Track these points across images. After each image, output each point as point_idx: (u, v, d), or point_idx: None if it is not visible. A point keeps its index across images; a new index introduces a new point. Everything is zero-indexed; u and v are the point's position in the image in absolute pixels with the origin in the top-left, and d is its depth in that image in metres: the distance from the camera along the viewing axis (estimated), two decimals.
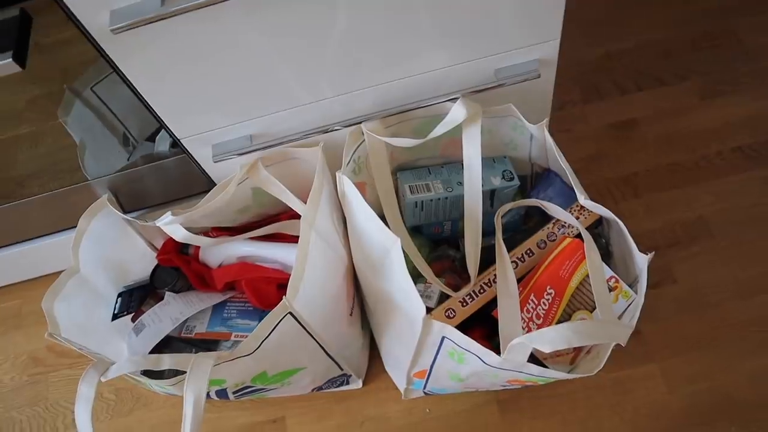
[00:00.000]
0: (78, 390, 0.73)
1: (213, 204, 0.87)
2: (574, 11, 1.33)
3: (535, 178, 1.01)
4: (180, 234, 0.89)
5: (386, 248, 0.74)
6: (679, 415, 0.97)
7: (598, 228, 0.89)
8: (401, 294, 0.75)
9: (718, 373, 0.99)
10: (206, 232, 0.99)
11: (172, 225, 0.88)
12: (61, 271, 0.88)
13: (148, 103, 0.79)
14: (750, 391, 0.97)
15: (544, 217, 0.92)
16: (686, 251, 1.09)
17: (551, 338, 0.65)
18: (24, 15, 0.66)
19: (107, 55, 0.71)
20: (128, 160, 0.93)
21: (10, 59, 0.63)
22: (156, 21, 0.64)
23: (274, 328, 0.74)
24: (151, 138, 0.90)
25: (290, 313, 0.75)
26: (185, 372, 0.72)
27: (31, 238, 1.12)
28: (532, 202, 0.89)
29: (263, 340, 0.74)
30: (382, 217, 0.85)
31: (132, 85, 0.76)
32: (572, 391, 1.00)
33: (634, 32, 1.34)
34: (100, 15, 0.65)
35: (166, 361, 0.73)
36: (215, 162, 0.86)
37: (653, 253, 0.76)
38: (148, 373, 0.85)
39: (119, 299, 0.98)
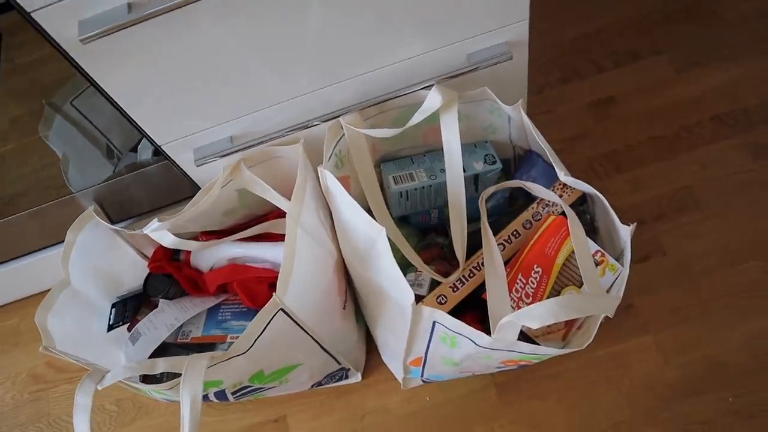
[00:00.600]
0: (75, 400, 0.73)
1: (198, 207, 0.87)
2: None
3: (517, 161, 1.01)
4: (168, 240, 0.89)
5: (372, 239, 0.75)
6: (676, 385, 0.98)
7: (583, 205, 0.89)
8: (390, 283, 0.76)
9: (712, 341, 1.00)
10: (195, 237, 0.99)
11: (159, 231, 0.88)
12: None
13: (125, 112, 0.79)
14: (744, 358, 0.98)
15: (529, 199, 0.93)
16: (673, 223, 1.10)
17: (539, 314, 0.65)
18: None
19: (80, 67, 0.71)
20: (114, 171, 0.94)
21: None
22: (125, 28, 0.64)
23: (267, 325, 0.75)
24: (135, 148, 0.91)
25: (282, 309, 0.75)
26: (180, 375, 0.73)
27: (24, 255, 1.12)
28: (513, 183, 0.90)
29: (256, 338, 0.75)
30: (368, 210, 0.86)
31: (108, 95, 0.76)
32: (569, 369, 1.01)
33: (607, 11, 1.35)
34: (69, 26, 0.65)
35: (161, 365, 0.73)
36: (198, 166, 0.86)
37: (635, 224, 0.77)
38: (146, 380, 0.86)
39: (113, 310, 0.99)
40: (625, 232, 0.78)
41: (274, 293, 0.74)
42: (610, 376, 1.00)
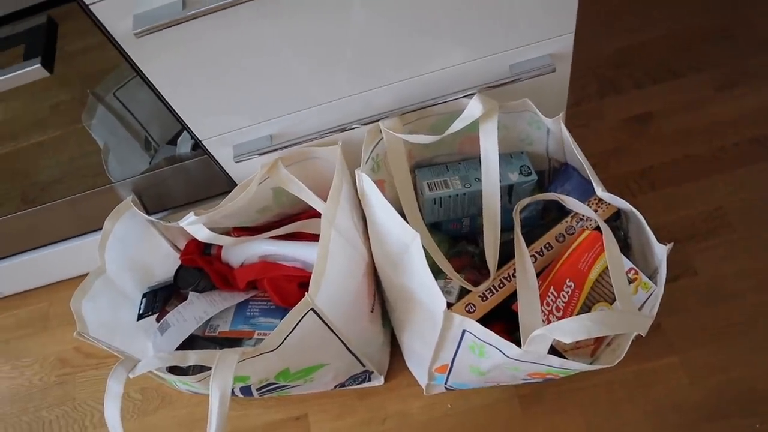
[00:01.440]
0: (107, 386, 0.75)
1: (235, 204, 0.88)
2: (589, 7, 1.34)
3: (552, 173, 1.01)
4: (203, 234, 0.91)
5: (406, 244, 0.75)
6: (702, 408, 0.97)
7: (616, 221, 0.89)
8: (422, 289, 0.76)
9: (740, 364, 0.99)
10: (227, 232, 1.01)
11: (195, 225, 0.89)
12: (86, 274, 0.90)
13: (170, 106, 0.80)
14: None
15: (562, 212, 0.92)
16: (706, 243, 1.09)
17: (571, 329, 0.65)
18: (51, 21, 0.68)
19: (131, 59, 0.72)
20: (150, 163, 0.95)
21: (39, 65, 0.65)
22: (177, 24, 0.66)
23: (297, 324, 0.76)
24: (172, 141, 0.92)
25: (312, 309, 0.76)
26: (210, 369, 0.74)
27: (57, 241, 1.14)
28: (550, 196, 0.90)
29: (286, 336, 0.76)
30: (401, 214, 0.86)
31: (155, 88, 0.77)
32: (593, 385, 1.00)
33: (648, 26, 1.34)
34: (124, 20, 0.67)
35: (192, 357, 0.74)
36: (236, 162, 0.87)
37: (672, 243, 0.76)
38: (173, 371, 0.87)
39: (144, 299, 1.00)
40: (661, 251, 0.77)
41: (306, 292, 0.74)
42: (635, 394, 0.99)
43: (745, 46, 1.28)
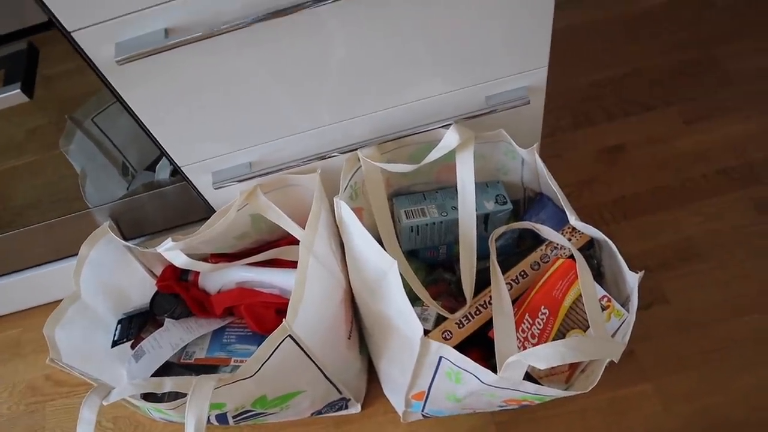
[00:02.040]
0: (80, 414, 0.74)
1: (213, 230, 0.88)
2: (562, 41, 1.38)
3: (527, 202, 1.03)
4: (180, 260, 0.91)
5: (383, 271, 0.76)
6: None
7: (590, 250, 0.91)
8: (399, 315, 0.76)
9: (714, 392, 1.00)
10: (205, 259, 1.00)
11: (172, 251, 0.89)
12: (60, 300, 0.89)
13: (150, 132, 0.81)
14: (745, 410, 0.98)
15: (537, 241, 0.94)
16: (677, 272, 1.12)
17: (546, 354, 0.66)
18: (31, 48, 0.68)
19: (112, 86, 0.73)
20: (128, 189, 0.95)
21: (19, 90, 0.66)
22: (159, 52, 0.66)
23: (275, 350, 0.76)
24: (150, 167, 0.92)
25: (290, 335, 0.76)
26: (185, 396, 0.73)
27: (30, 267, 1.13)
28: (525, 224, 0.92)
29: (264, 362, 0.75)
30: (379, 242, 0.87)
31: (135, 115, 0.78)
32: (569, 411, 1.01)
33: (620, 61, 1.38)
34: (106, 47, 0.67)
35: (168, 383, 0.74)
36: (215, 189, 0.88)
37: (643, 272, 0.78)
38: (148, 398, 0.86)
39: (119, 326, 0.99)
40: (633, 279, 0.79)
41: (283, 319, 0.75)
42: (609, 421, 1.00)
43: (713, 81, 1.32)
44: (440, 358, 0.74)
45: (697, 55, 1.36)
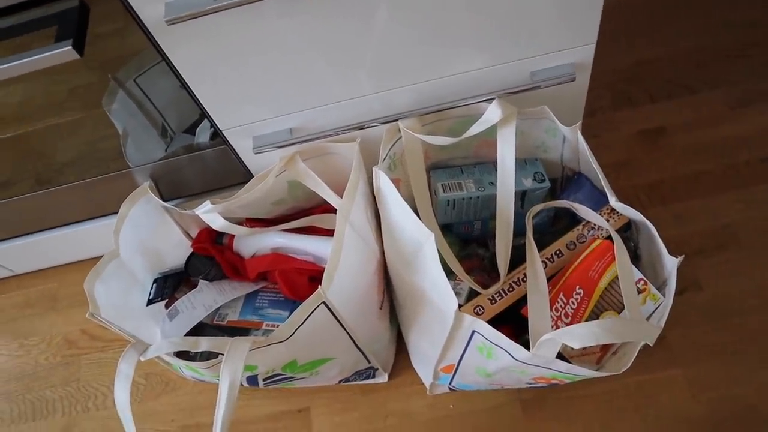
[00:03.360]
0: (118, 368, 0.76)
1: (251, 195, 0.89)
2: (609, 18, 1.35)
3: (565, 181, 1.02)
4: (218, 223, 0.92)
5: (420, 243, 0.76)
6: (702, 422, 0.97)
7: (627, 232, 0.89)
8: (433, 288, 0.77)
9: (742, 382, 0.99)
10: (240, 223, 1.01)
11: (210, 213, 0.90)
12: (97, 257, 0.91)
13: (194, 94, 0.81)
14: None
15: (573, 220, 0.93)
16: (712, 259, 1.10)
17: (580, 334, 0.66)
18: (83, 5, 0.69)
19: (159, 46, 0.73)
20: (166, 150, 0.96)
21: (70, 47, 0.66)
22: (207, 14, 0.66)
23: (308, 316, 0.76)
24: (189, 130, 0.93)
25: (324, 302, 0.77)
26: (218, 356, 0.75)
27: (70, 223, 1.15)
28: (563, 203, 0.91)
29: (297, 327, 0.76)
30: (415, 213, 0.87)
31: (180, 76, 0.78)
32: (596, 393, 1.01)
33: (666, 41, 1.35)
34: (155, 6, 0.67)
35: (204, 343, 0.75)
36: (255, 154, 0.88)
37: (683, 256, 0.77)
38: (181, 356, 0.88)
39: (154, 285, 1.01)
40: (671, 264, 0.78)
41: (318, 286, 0.75)
42: (637, 405, 1.00)
43: (761, 66, 1.28)
44: (473, 332, 0.75)
45: (745, 38, 1.32)
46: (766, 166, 1.17)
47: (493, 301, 0.84)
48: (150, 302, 1.00)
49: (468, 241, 1.02)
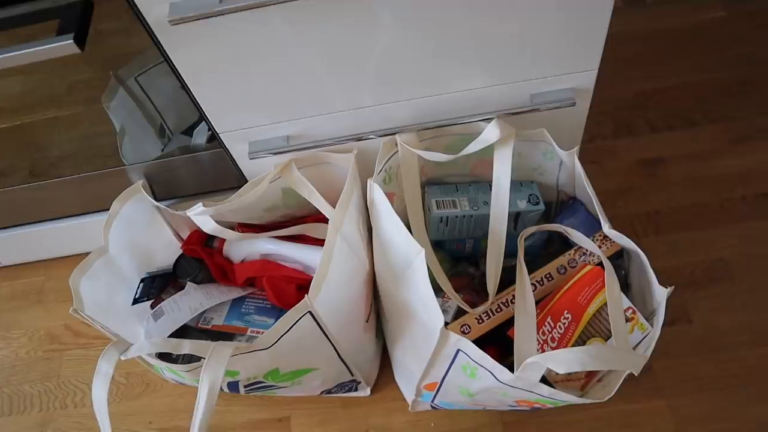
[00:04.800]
0: (97, 366, 0.75)
1: (245, 199, 0.89)
2: (614, 48, 1.36)
3: (559, 206, 1.02)
4: (209, 226, 0.91)
5: (410, 258, 0.76)
6: None
7: (618, 260, 0.89)
8: (421, 304, 0.76)
9: (727, 417, 0.99)
10: (232, 227, 1.01)
11: (202, 216, 0.90)
12: (86, 253, 0.90)
13: (193, 96, 0.81)
14: None
15: (565, 245, 0.93)
16: (704, 292, 1.09)
17: (566, 359, 0.65)
18: (87, 0, 0.69)
19: (161, 46, 0.73)
20: (162, 150, 0.96)
21: (72, 41, 0.66)
22: (212, 16, 0.66)
23: (293, 325, 0.76)
24: (186, 132, 0.93)
25: (310, 312, 0.76)
26: (200, 360, 0.74)
27: (60, 218, 1.14)
28: (557, 227, 0.90)
29: (281, 335, 0.76)
30: (408, 229, 0.87)
31: (180, 77, 0.78)
32: (579, 419, 1.00)
33: (669, 73, 1.36)
34: (160, 6, 0.67)
35: (186, 346, 0.74)
36: (250, 159, 0.88)
37: (672, 287, 0.76)
38: (163, 358, 0.87)
39: (141, 284, 1.00)
40: (661, 294, 0.78)
41: (306, 295, 0.75)
42: None
43: (761, 102, 1.29)
44: (458, 351, 0.74)
45: (748, 75, 1.33)
46: (762, 201, 1.17)
47: (480, 321, 0.83)
48: (136, 301, 0.99)
49: (459, 259, 1.02)
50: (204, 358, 0.73)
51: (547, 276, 0.87)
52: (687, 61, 1.37)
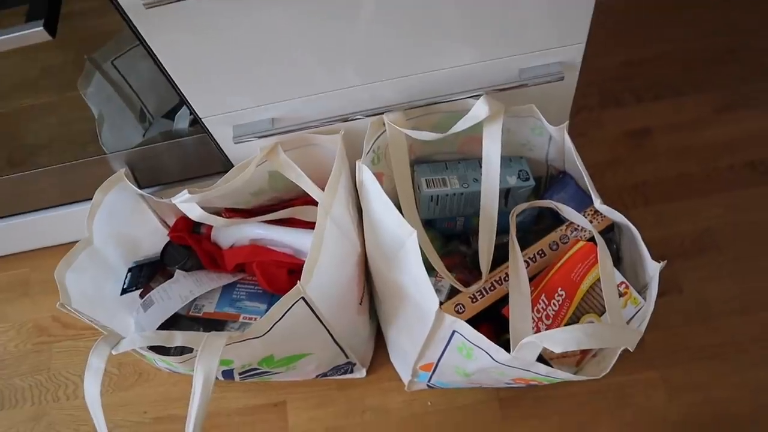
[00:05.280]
0: (88, 361, 0.74)
1: (231, 185, 0.87)
2: (598, 18, 1.34)
3: (549, 181, 1.01)
4: (195, 213, 0.89)
5: (402, 239, 0.75)
6: (678, 425, 0.98)
7: (609, 234, 0.89)
8: (414, 286, 0.75)
9: (719, 387, 1.00)
10: (219, 213, 0.99)
11: (188, 203, 0.88)
12: (71, 243, 0.89)
13: (172, 80, 0.79)
14: (751, 407, 0.98)
15: (556, 220, 0.93)
16: (693, 262, 1.10)
17: (562, 339, 0.65)
18: None
19: (137, 30, 0.71)
20: (144, 136, 0.94)
21: (41, 27, 0.64)
22: None
23: (287, 311, 0.75)
24: (168, 115, 0.91)
25: (303, 298, 0.75)
26: (193, 350, 0.73)
27: (43, 208, 1.12)
28: (547, 203, 0.90)
29: (275, 323, 0.75)
30: (398, 208, 0.86)
31: (158, 61, 0.76)
32: (573, 393, 1.01)
33: (655, 42, 1.35)
34: None
35: (179, 338, 0.73)
36: (235, 143, 0.86)
37: (665, 261, 0.76)
38: (155, 349, 0.86)
39: (129, 274, 0.99)
40: (653, 268, 0.78)
41: (297, 280, 0.74)
42: (613, 406, 1.00)
43: (748, 70, 1.28)
44: (453, 332, 0.74)
45: (734, 43, 1.32)
46: (748, 171, 1.17)
47: (474, 300, 0.83)
48: (124, 291, 0.97)
49: (450, 238, 1.01)
50: (197, 349, 0.72)
51: (540, 253, 0.86)
52: (673, 30, 1.36)
